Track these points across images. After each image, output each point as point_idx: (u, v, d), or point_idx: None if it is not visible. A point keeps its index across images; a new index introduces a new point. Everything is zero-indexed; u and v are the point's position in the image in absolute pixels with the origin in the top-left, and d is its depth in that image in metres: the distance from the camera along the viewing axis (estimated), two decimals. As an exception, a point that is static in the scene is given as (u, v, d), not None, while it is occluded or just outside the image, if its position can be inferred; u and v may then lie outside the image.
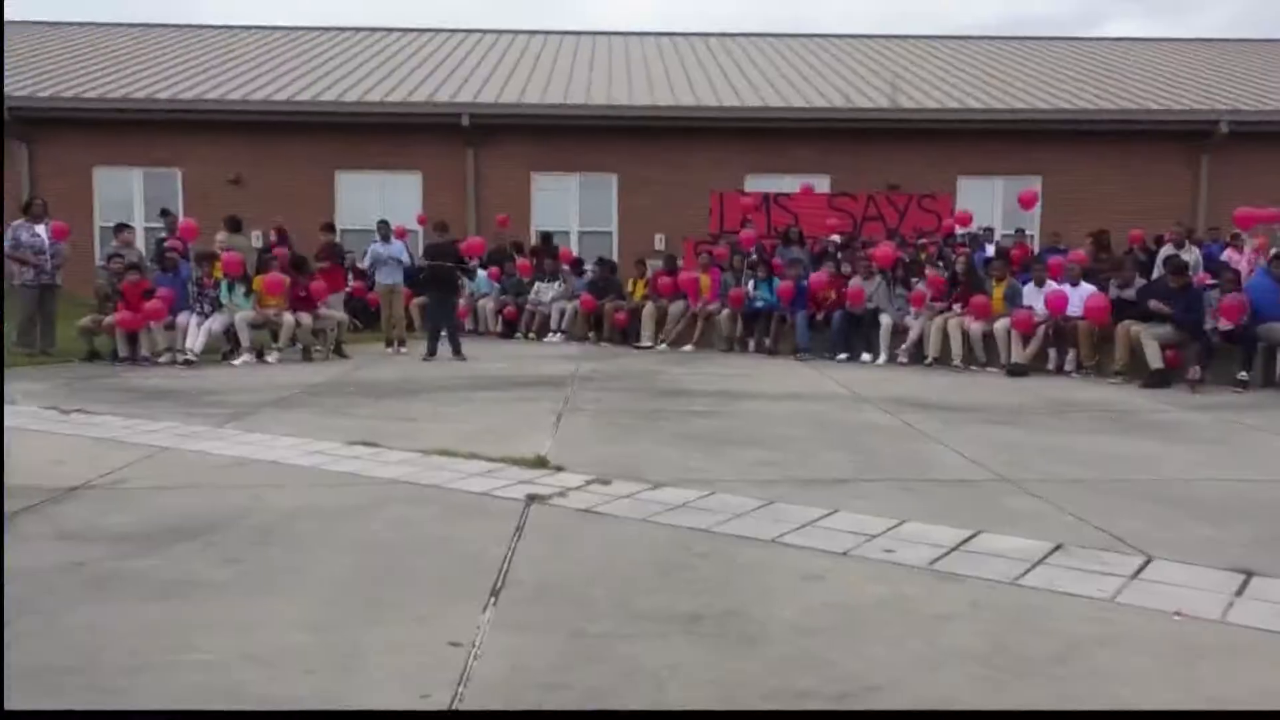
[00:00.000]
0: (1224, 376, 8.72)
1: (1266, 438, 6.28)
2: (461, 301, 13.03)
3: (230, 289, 10.73)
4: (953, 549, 3.61)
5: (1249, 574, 3.32)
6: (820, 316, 11.44)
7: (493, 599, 3.08)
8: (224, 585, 3.24)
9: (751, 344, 11.99)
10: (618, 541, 3.73)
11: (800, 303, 11.60)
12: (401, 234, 12.64)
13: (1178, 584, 3.24)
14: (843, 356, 11.04)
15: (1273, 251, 10.12)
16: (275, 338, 10.80)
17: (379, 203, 17.28)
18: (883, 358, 10.89)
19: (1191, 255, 11.54)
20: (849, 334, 11.16)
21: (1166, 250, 11.60)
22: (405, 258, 12.07)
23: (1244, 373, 8.69)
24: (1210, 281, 10.06)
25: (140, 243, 14.60)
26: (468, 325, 14.27)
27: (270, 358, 10.51)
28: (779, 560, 3.50)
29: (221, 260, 10.92)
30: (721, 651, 2.69)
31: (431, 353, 10.84)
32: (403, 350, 11.51)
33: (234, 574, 3.36)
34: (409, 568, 3.43)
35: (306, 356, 10.75)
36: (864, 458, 5.42)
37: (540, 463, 5.08)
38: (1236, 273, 9.67)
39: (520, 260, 14.67)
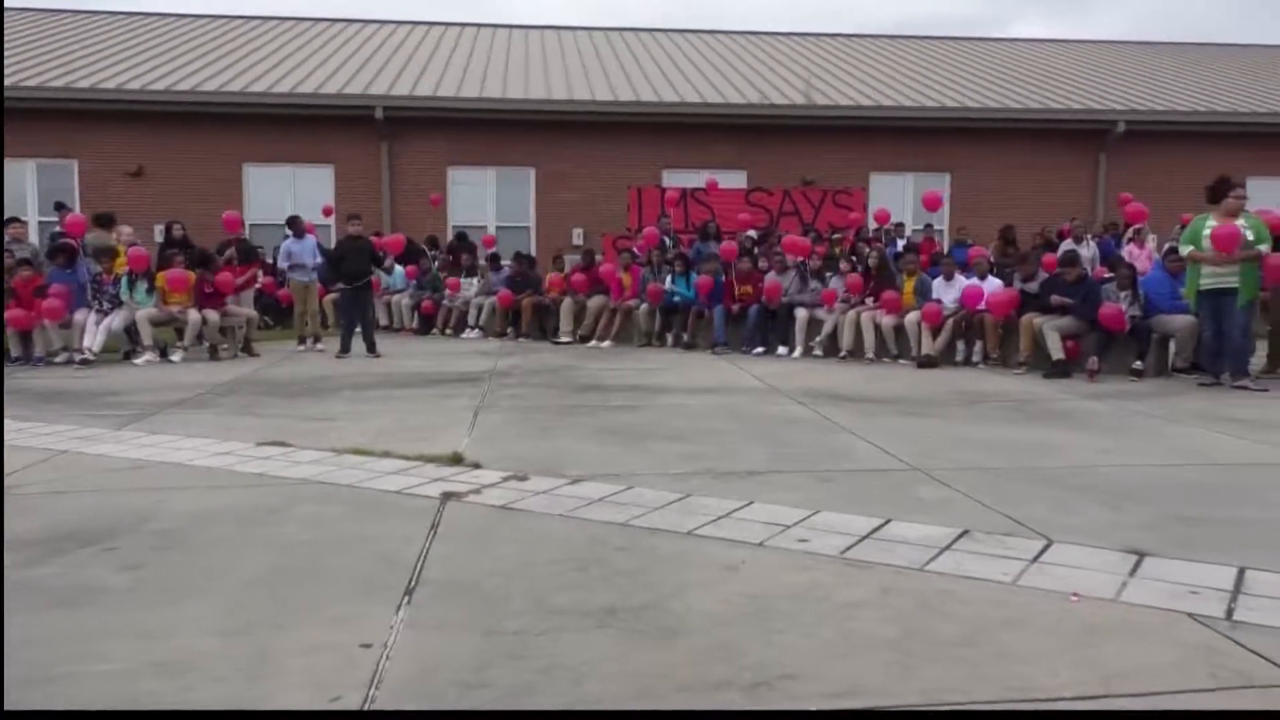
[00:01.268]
0: (1120, 366, 9.10)
1: (1160, 424, 6.57)
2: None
3: (131, 286, 10.35)
4: (864, 537, 3.69)
5: (1141, 555, 3.47)
6: (736, 310, 11.56)
7: (406, 598, 3.04)
8: (128, 592, 3.13)
9: (669, 338, 12.06)
10: (534, 537, 3.71)
11: (717, 297, 11.70)
12: (310, 229, 12.33)
13: (1076, 566, 3.37)
14: (759, 350, 11.19)
15: (1165, 246, 10.59)
16: (180, 336, 10.47)
17: (290, 196, 16.90)
18: (798, 351, 11.06)
19: (1089, 249, 11.97)
20: (765, 328, 11.31)
21: (1066, 245, 12.02)
22: (317, 257, 11.75)
23: (1139, 362, 9.09)
24: (1107, 275, 10.47)
25: (34, 237, 13.99)
26: (383, 321, 14.05)
27: (174, 357, 10.19)
28: (696, 552, 3.53)
29: (126, 255, 10.54)
30: (639, 645, 2.69)
31: (345, 350, 10.64)
32: (319, 347, 11.27)
33: (138, 579, 3.24)
34: (320, 569, 3.35)
35: (214, 355, 10.45)
36: (779, 450, 5.49)
37: (456, 460, 5.03)
38: (1131, 267, 10.07)
39: (451, 279, 14.32)
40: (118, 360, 10.12)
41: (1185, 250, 8.69)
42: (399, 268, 14.70)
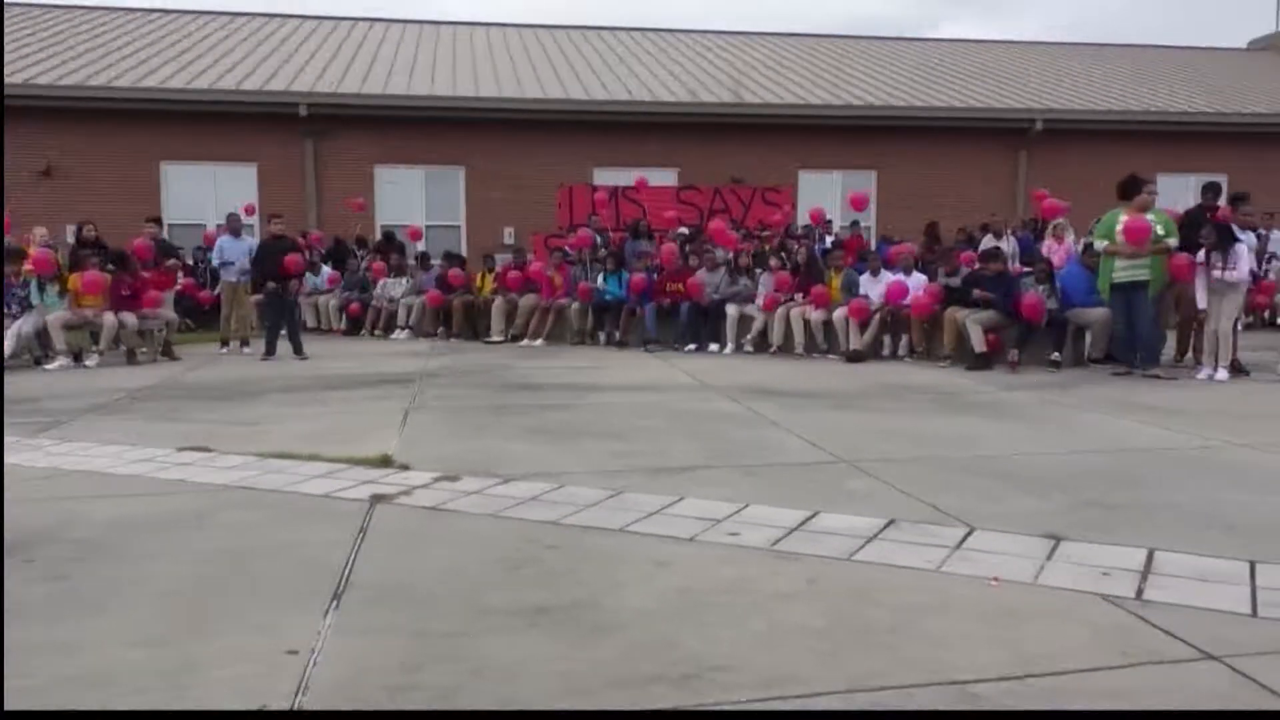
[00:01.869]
0: (1039, 357, 9.38)
1: (1076, 413, 6.79)
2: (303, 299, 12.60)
3: (41, 289, 9.98)
4: (793, 529, 3.74)
5: (1058, 539, 3.59)
6: (668, 308, 11.62)
7: (334, 603, 3.00)
8: (45, 604, 3.02)
9: (602, 337, 12.07)
10: (465, 538, 3.69)
11: (648, 295, 11.74)
12: (223, 231, 12.00)
13: (997, 551, 3.47)
14: (691, 347, 11.26)
15: (1082, 242, 10.92)
16: (96, 340, 10.14)
17: (211, 195, 16.50)
18: (729, 347, 11.16)
19: (1009, 244, 12.28)
20: (696, 325, 11.39)
21: (987, 240, 12.32)
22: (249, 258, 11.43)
23: (1056, 354, 9.38)
24: (1025, 269, 10.77)
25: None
26: (310, 323, 13.80)
27: (89, 361, 9.87)
28: (628, 549, 3.54)
29: (30, 257, 10.15)
30: (570, 642, 2.70)
31: (270, 352, 10.43)
32: (245, 349, 11.05)
33: (56, 592, 3.13)
34: (245, 576, 3.29)
35: (131, 359, 10.15)
36: (711, 445, 5.54)
37: (385, 462, 4.97)
38: (1049, 262, 10.37)
39: (375, 262, 14.21)
40: (28, 366, 9.76)
41: (1100, 245, 8.99)
42: (324, 268, 14.44)
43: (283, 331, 10.68)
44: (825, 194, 17.52)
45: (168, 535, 3.77)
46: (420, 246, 15.63)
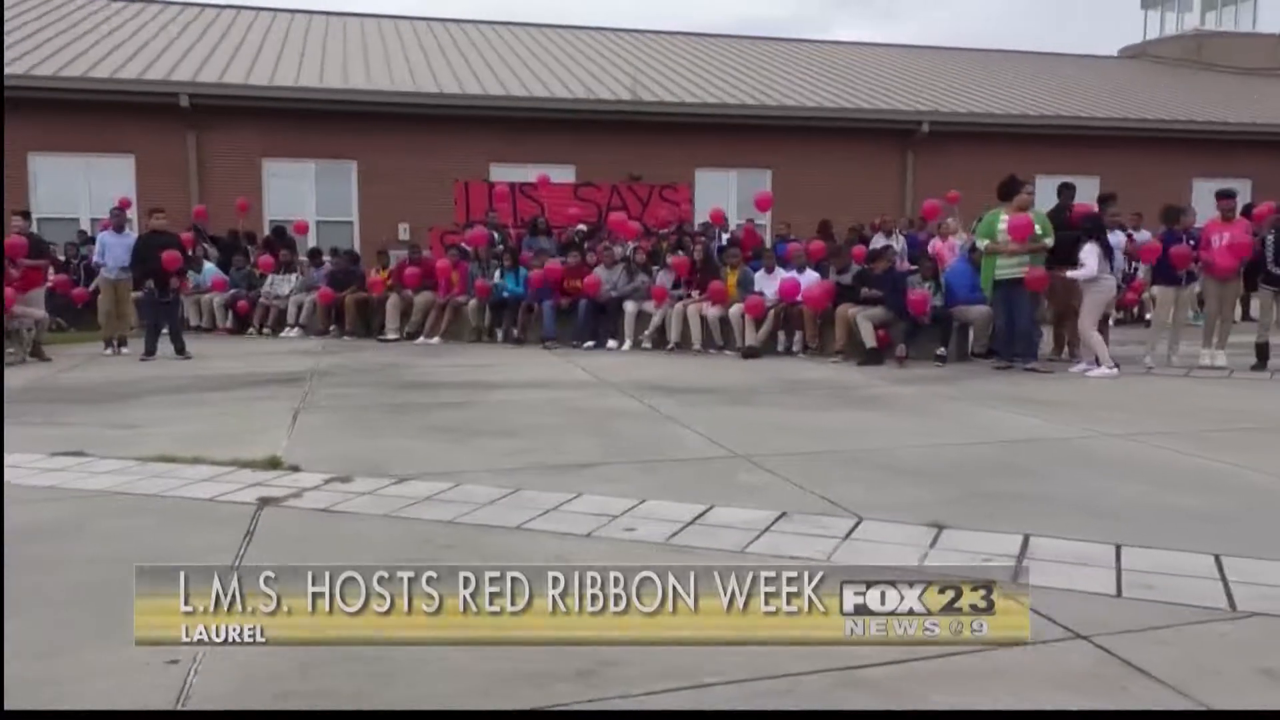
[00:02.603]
0: (926, 353, 9.70)
1: (962, 406, 7.05)
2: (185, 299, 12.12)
3: (-102, 286, 9.35)
4: (689, 524, 3.79)
5: (941, 527, 3.72)
6: (566, 305, 11.60)
7: (219, 611, 2.89)
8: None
9: (500, 334, 11.97)
10: (357, 540, 3.62)
11: (546, 292, 11.70)
12: (106, 225, 11.45)
13: (883, 541, 3.58)
14: (590, 344, 11.27)
15: (969, 244, 11.33)
16: (-43, 340, 9.54)
17: (85, 189, 15.74)
18: (628, 344, 11.20)
19: (898, 243, 12.66)
20: (595, 322, 11.39)
21: (878, 239, 12.68)
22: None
23: (942, 349, 9.71)
24: (911, 267, 11.12)
25: None
26: (194, 321, 13.29)
27: (-49, 363, 9.28)
28: (524, 547, 3.53)
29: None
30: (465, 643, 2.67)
31: (150, 352, 10.00)
32: (124, 350, 10.55)
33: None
34: (121, 586, 3.12)
35: (-3, 360, 9.57)
36: (608, 442, 5.56)
37: (274, 464, 4.83)
38: (935, 260, 10.73)
39: (262, 257, 13.77)
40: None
41: (982, 244, 9.36)
42: (208, 265, 13.90)
43: (164, 330, 10.25)
44: (722, 192, 17.75)
45: (41, 545, 3.58)
46: (311, 241, 15.23)
